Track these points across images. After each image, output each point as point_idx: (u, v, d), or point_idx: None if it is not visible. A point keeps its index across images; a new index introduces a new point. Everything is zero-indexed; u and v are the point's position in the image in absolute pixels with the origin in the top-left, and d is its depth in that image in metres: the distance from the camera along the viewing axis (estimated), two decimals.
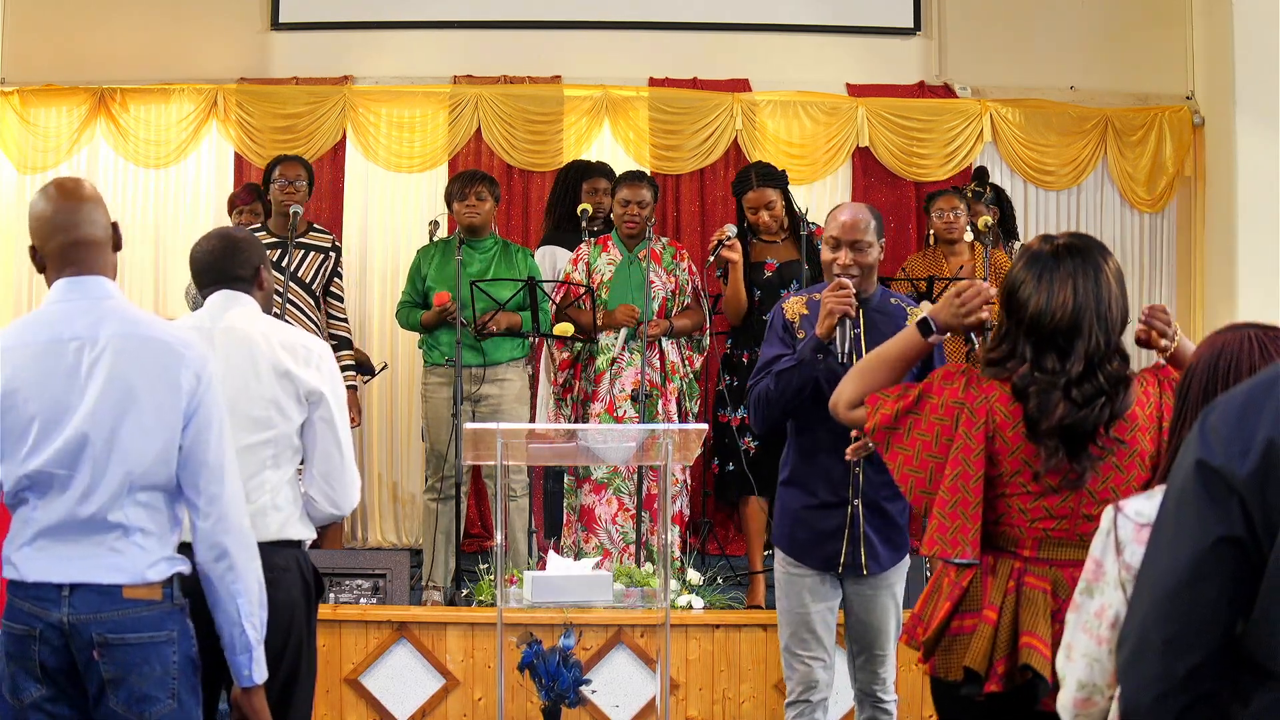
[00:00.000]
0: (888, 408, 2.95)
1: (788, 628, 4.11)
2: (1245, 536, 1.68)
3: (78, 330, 2.80)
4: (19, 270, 7.69)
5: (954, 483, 2.82)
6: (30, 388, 2.78)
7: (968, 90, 7.96)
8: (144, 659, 2.77)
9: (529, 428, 5.25)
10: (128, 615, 2.77)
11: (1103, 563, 2.20)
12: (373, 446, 7.69)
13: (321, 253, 6.23)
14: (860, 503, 4.02)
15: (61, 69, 7.67)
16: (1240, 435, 1.69)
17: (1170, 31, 7.98)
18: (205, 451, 2.81)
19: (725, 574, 6.08)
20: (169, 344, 2.82)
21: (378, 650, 5.22)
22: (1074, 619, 2.24)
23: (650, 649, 5.18)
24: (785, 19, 7.97)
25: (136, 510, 2.79)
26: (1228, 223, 7.49)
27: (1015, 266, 2.86)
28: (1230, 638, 1.72)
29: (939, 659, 2.89)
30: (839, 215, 4.10)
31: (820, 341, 3.90)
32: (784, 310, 4.15)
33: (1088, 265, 2.79)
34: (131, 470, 2.77)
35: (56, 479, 2.77)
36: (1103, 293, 2.78)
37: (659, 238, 6.26)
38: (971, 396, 2.85)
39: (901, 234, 7.82)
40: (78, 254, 2.85)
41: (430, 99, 7.71)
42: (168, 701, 2.80)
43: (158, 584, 2.81)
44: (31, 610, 2.76)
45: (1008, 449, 2.81)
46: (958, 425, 2.84)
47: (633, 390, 5.95)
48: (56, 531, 2.77)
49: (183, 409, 2.79)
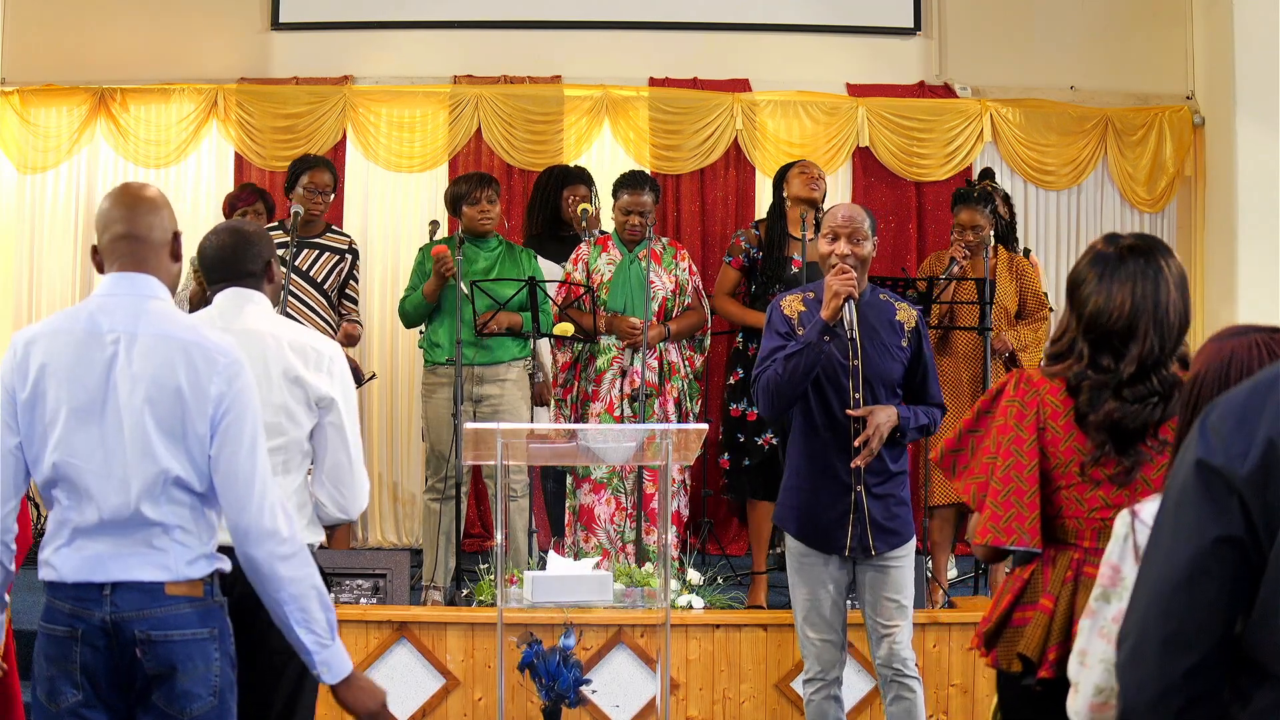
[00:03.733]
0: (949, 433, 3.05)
1: (800, 610, 4.28)
2: (1245, 536, 1.69)
3: (117, 324, 2.79)
4: (19, 270, 7.69)
5: (1006, 473, 2.87)
6: (63, 373, 2.77)
7: (968, 90, 7.96)
8: (187, 656, 2.76)
9: (529, 428, 5.25)
10: (170, 612, 2.75)
11: (1120, 568, 2.19)
12: (373, 446, 7.69)
13: (337, 254, 6.23)
14: (863, 488, 4.18)
15: (61, 69, 7.67)
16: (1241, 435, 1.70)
17: (1170, 31, 7.98)
18: (232, 461, 2.79)
19: (725, 574, 6.08)
20: (204, 349, 2.81)
21: (378, 650, 5.22)
22: (1089, 625, 2.23)
23: (650, 649, 5.18)
24: (785, 19, 7.96)
25: (174, 508, 2.78)
26: (1228, 223, 7.49)
27: (1080, 263, 2.92)
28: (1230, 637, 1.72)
29: (1000, 651, 2.93)
30: (837, 211, 4.30)
31: (826, 324, 4.08)
32: (781, 307, 4.31)
33: (1149, 269, 2.83)
34: (166, 469, 2.76)
35: (90, 475, 2.75)
36: (1161, 297, 2.82)
37: (659, 238, 6.27)
38: (1022, 392, 2.92)
39: (902, 234, 7.82)
40: (129, 249, 2.84)
41: (430, 99, 7.71)
42: (209, 699, 2.79)
43: (199, 581, 2.80)
44: (73, 611, 2.75)
45: (1059, 439, 2.86)
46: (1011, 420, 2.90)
47: (632, 390, 5.95)
48: (94, 531, 2.76)
49: (210, 416, 2.78)
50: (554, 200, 6.77)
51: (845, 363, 4.19)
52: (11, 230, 7.68)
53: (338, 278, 6.22)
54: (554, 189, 6.80)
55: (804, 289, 4.41)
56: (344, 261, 6.24)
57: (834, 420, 4.18)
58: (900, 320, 4.32)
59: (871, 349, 4.23)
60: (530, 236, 6.82)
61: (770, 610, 5.70)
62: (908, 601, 4.30)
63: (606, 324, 6.01)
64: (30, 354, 2.80)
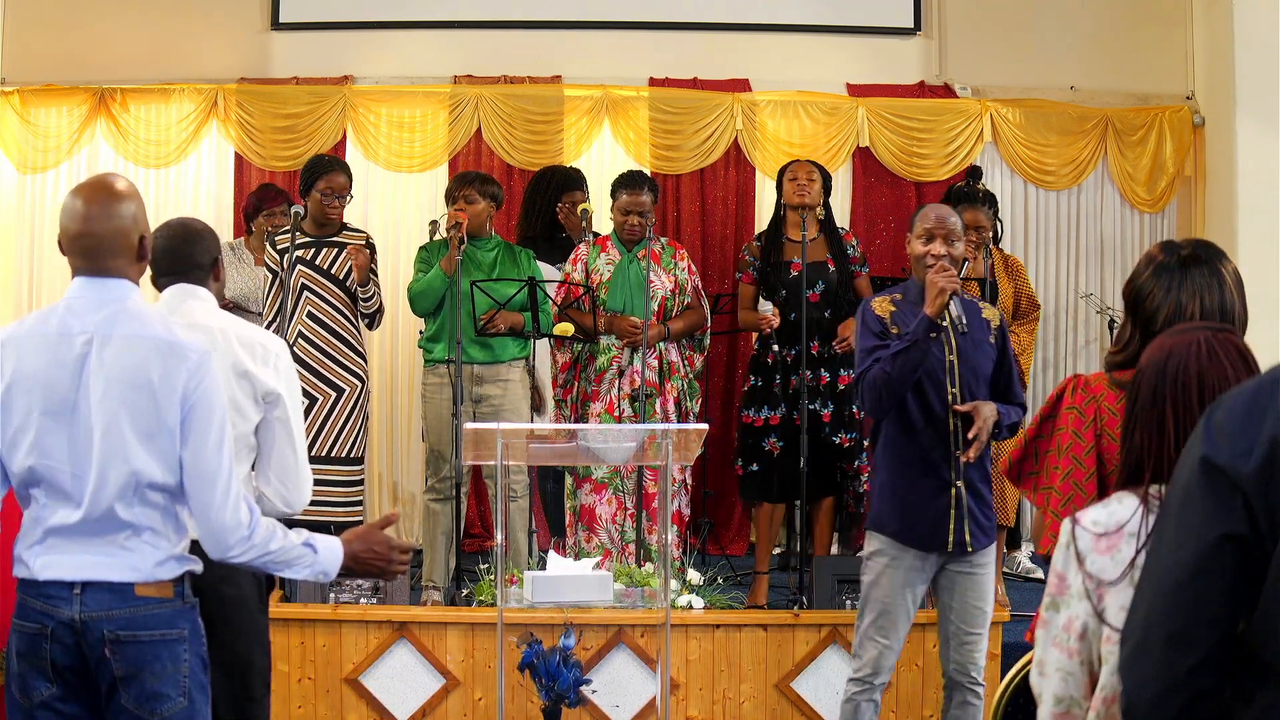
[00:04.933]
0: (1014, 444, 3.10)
1: (872, 612, 4.30)
2: (1248, 534, 1.69)
3: (88, 325, 2.81)
4: (19, 270, 7.69)
5: (1066, 481, 2.89)
6: (35, 377, 2.79)
7: (968, 90, 7.96)
8: (156, 656, 2.78)
9: (529, 428, 5.25)
10: (139, 613, 2.77)
11: (1065, 575, 2.18)
12: (373, 446, 7.68)
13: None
14: (963, 484, 4.24)
15: (61, 69, 7.67)
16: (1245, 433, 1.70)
17: (1170, 31, 7.97)
18: (198, 456, 2.80)
19: (725, 574, 6.08)
20: (173, 344, 2.82)
21: (378, 650, 5.22)
22: (1043, 635, 2.22)
23: (650, 649, 5.18)
24: (785, 19, 7.96)
25: (145, 509, 2.80)
26: (1228, 223, 7.48)
27: (1141, 274, 2.92)
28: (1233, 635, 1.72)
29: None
30: (929, 213, 4.39)
31: (932, 320, 4.13)
32: (873, 307, 4.34)
33: (1213, 277, 2.87)
34: (138, 470, 2.77)
35: (64, 476, 2.77)
36: (1227, 302, 2.86)
37: (658, 238, 6.27)
38: (1080, 399, 2.94)
39: (901, 234, 7.78)
40: (92, 247, 2.84)
41: (430, 99, 7.71)
42: (179, 699, 2.80)
43: (168, 582, 2.82)
44: (43, 608, 2.77)
45: (1116, 445, 2.85)
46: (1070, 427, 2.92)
47: (632, 390, 5.95)
48: (67, 530, 2.78)
49: (179, 410, 2.79)
50: (549, 206, 6.77)
51: (943, 359, 4.25)
52: (11, 230, 7.68)
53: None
54: (550, 195, 6.79)
55: (890, 291, 4.44)
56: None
57: (933, 417, 4.23)
58: (987, 319, 4.40)
59: (967, 346, 4.29)
60: (524, 239, 6.82)
61: (770, 611, 5.70)
62: (990, 608, 4.36)
63: (606, 324, 6.01)
64: (4, 355, 2.82)
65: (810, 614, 5.39)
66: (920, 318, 4.14)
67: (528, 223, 6.90)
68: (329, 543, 2.97)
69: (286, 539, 2.90)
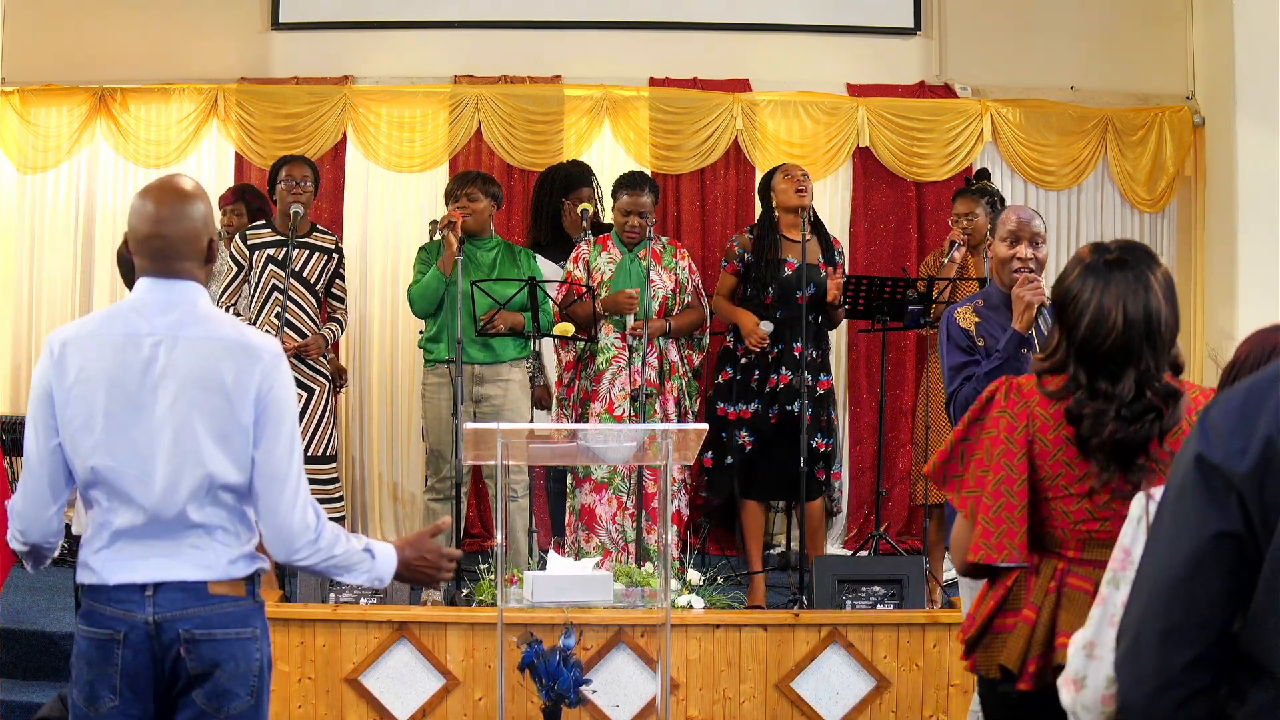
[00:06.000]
0: (941, 446, 2.99)
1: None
2: (1243, 532, 1.69)
3: (157, 327, 2.79)
4: (19, 270, 7.69)
5: (997, 487, 2.82)
6: (100, 378, 2.76)
7: (968, 90, 7.96)
8: (230, 654, 2.77)
9: (529, 427, 5.25)
10: (214, 611, 2.76)
11: (1131, 551, 2.17)
12: (373, 446, 7.69)
13: (325, 254, 6.25)
14: None
15: (61, 69, 7.67)
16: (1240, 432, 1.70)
17: (1170, 31, 7.98)
18: (269, 458, 2.79)
19: (725, 574, 6.08)
20: (245, 345, 2.81)
21: (378, 650, 5.22)
22: (1099, 614, 2.20)
23: (650, 649, 5.18)
24: (785, 19, 7.96)
25: (217, 510, 2.79)
26: (1228, 223, 7.49)
27: (1068, 276, 2.85)
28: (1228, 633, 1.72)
29: (980, 656, 2.90)
30: (1011, 215, 4.30)
31: (1022, 336, 4.07)
32: (956, 320, 4.26)
33: (1138, 283, 2.78)
34: (213, 473, 2.76)
35: (129, 479, 2.75)
36: (1152, 309, 2.77)
37: (658, 237, 6.28)
38: (1012, 403, 2.86)
39: (902, 234, 7.82)
40: (160, 249, 2.82)
41: (430, 99, 7.71)
42: (247, 698, 2.80)
43: (241, 580, 2.81)
44: (114, 613, 2.74)
45: (1048, 452, 2.81)
46: (1001, 433, 2.85)
47: (632, 390, 5.95)
48: (136, 533, 2.76)
49: (252, 411, 2.78)
50: (556, 208, 6.76)
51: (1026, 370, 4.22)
52: (11, 230, 7.68)
53: (325, 276, 6.25)
54: (555, 197, 6.79)
55: (971, 299, 4.36)
56: (331, 260, 6.28)
57: None
58: None
59: None
60: (535, 244, 6.83)
61: (769, 610, 5.70)
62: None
63: (606, 303, 6.02)
64: (66, 354, 2.79)
65: (810, 614, 5.39)
66: (1010, 334, 4.08)
67: (537, 228, 6.90)
68: (385, 549, 2.96)
69: (349, 544, 2.89)
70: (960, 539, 2.89)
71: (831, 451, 6.07)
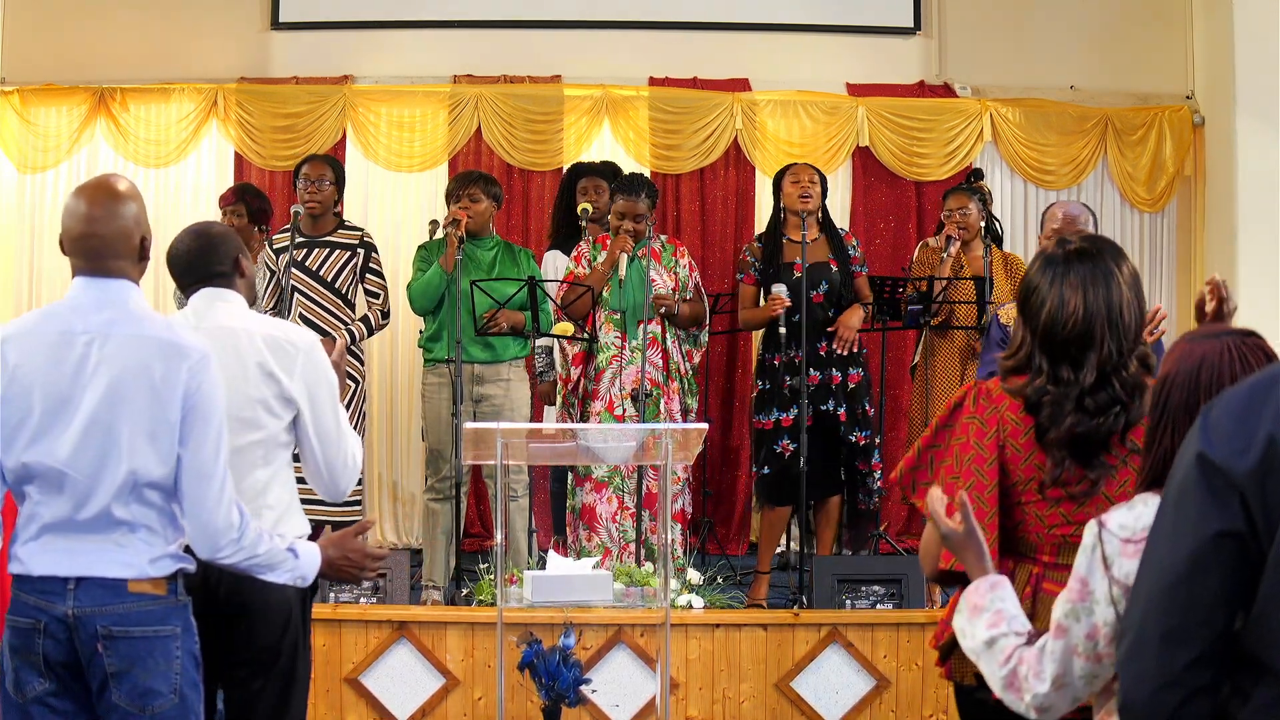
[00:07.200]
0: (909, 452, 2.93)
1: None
2: (1245, 531, 1.69)
3: (90, 325, 2.82)
4: (19, 270, 7.69)
5: (969, 494, 2.78)
6: (35, 375, 2.81)
7: (968, 90, 7.96)
8: (148, 652, 2.80)
9: (529, 427, 5.25)
10: (132, 609, 2.79)
11: (1088, 581, 2.10)
12: (373, 446, 7.69)
13: (348, 250, 6.25)
14: None
15: (61, 69, 7.67)
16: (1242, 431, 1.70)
17: (1170, 31, 7.98)
18: (197, 457, 2.83)
19: (725, 574, 6.08)
20: (174, 344, 2.84)
21: (378, 650, 5.22)
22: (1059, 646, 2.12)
23: (650, 649, 5.18)
24: (785, 19, 7.97)
25: (141, 507, 2.82)
26: (1228, 223, 7.49)
27: (1030, 271, 2.82)
28: (1229, 632, 1.72)
29: (954, 663, 2.87)
30: (1057, 211, 4.29)
31: None
32: (1000, 318, 4.25)
33: (1098, 271, 2.72)
34: (136, 469, 2.79)
35: (59, 475, 2.79)
36: (1114, 299, 2.71)
37: (658, 236, 6.27)
38: (982, 408, 2.80)
39: (901, 234, 7.82)
40: (93, 248, 2.86)
41: (430, 99, 7.71)
42: (169, 696, 2.82)
43: (162, 579, 2.84)
44: (37, 604, 2.79)
45: (1020, 456, 2.76)
46: (971, 438, 2.80)
47: (633, 389, 5.95)
48: (62, 527, 2.80)
49: (179, 409, 2.81)
50: (569, 197, 6.77)
51: None
52: (11, 230, 7.68)
53: (351, 273, 6.24)
54: (569, 185, 6.81)
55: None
56: (356, 257, 6.26)
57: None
58: None
59: None
60: (551, 234, 6.83)
61: (770, 610, 5.70)
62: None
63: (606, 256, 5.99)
64: (6, 351, 2.84)
65: (810, 614, 5.39)
66: None
67: (552, 222, 6.95)
68: (308, 548, 3.06)
69: (272, 543, 2.96)
70: (929, 546, 2.79)
71: (869, 444, 6.07)
